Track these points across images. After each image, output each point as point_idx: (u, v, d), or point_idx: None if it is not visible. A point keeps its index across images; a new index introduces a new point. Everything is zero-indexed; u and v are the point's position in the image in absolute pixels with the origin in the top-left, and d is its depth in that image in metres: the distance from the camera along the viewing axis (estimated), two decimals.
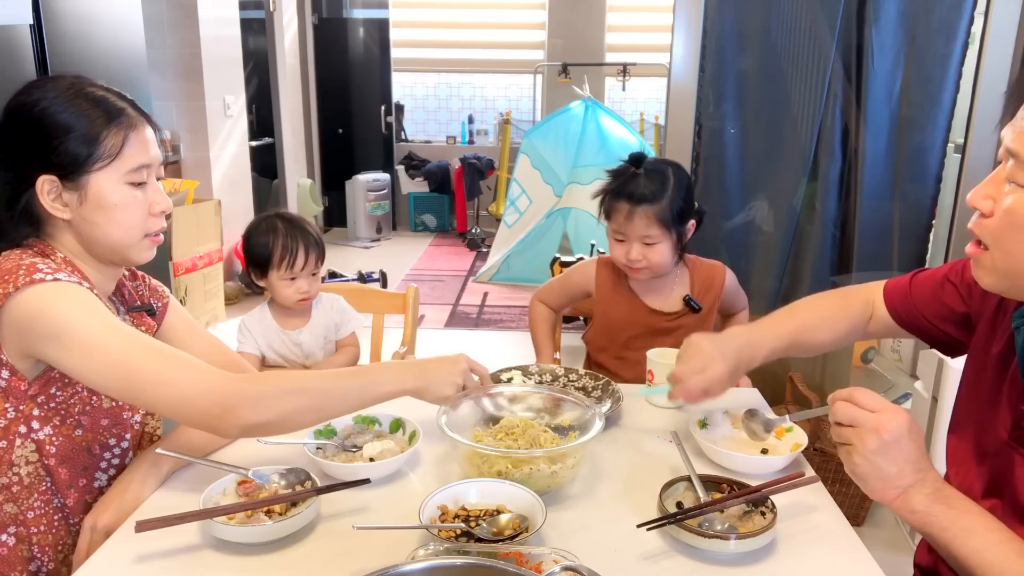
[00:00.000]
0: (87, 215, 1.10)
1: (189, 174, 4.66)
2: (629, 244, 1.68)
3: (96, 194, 1.09)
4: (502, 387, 1.32)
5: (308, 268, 1.81)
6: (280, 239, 1.79)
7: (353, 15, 7.40)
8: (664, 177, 1.66)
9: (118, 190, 1.10)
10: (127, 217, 1.12)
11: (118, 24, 2.78)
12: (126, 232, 1.13)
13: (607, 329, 1.81)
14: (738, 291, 1.89)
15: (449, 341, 4.47)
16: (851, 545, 1.01)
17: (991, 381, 1.05)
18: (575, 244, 5.28)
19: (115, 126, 1.09)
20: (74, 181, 1.08)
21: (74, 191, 1.08)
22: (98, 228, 1.11)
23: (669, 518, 0.98)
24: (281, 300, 1.83)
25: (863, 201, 2.30)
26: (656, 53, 6.47)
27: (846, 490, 2.36)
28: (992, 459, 1.02)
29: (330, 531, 1.03)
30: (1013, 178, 0.86)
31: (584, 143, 5.32)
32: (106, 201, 1.10)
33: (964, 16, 2.14)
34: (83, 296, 1.04)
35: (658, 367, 1.43)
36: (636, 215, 1.64)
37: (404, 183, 7.33)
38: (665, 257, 1.68)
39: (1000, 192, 0.89)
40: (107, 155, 1.08)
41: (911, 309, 1.22)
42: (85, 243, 1.13)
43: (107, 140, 1.08)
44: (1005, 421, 1.00)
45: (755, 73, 2.26)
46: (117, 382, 1.02)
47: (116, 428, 1.17)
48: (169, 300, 1.34)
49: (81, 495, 1.14)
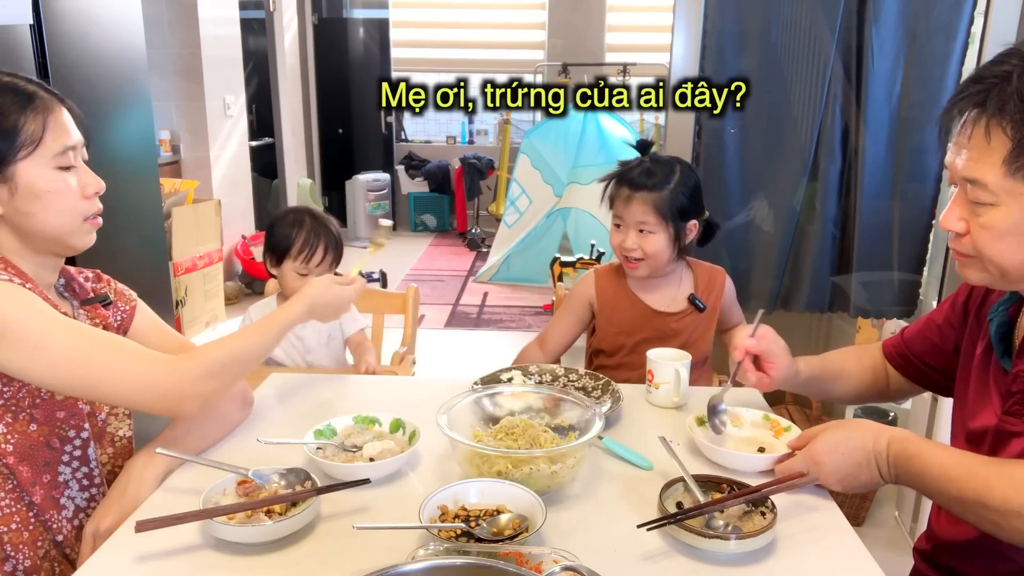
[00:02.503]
0: (21, 207, 1.07)
1: (189, 174, 4.66)
2: (626, 231, 1.69)
3: (26, 183, 1.06)
4: (502, 387, 1.32)
5: (323, 267, 1.86)
6: (304, 233, 1.85)
7: (353, 15, 7.40)
8: (669, 169, 1.67)
9: (47, 176, 1.07)
10: (62, 202, 1.09)
11: (118, 24, 2.78)
12: (63, 218, 1.10)
13: (612, 336, 1.78)
14: (735, 301, 1.88)
15: (449, 341, 4.47)
16: (851, 545, 1.00)
17: (978, 378, 1.12)
18: (575, 244, 5.28)
19: (31, 111, 1.05)
20: (1, 173, 1.05)
21: (3, 184, 1.05)
22: (34, 219, 1.08)
23: (669, 518, 0.98)
24: (289, 292, 1.85)
25: (863, 201, 2.29)
26: (656, 53, 6.47)
27: None
28: (987, 449, 1.07)
29: (330, 531, 1.03)
30: (978, 199, 0.95)
31: (584, 143, 5.32)
32: (37, 189, 1.06)
33: (964, 16, 2.14)
34: (21, 296, 1.01)
35: (658, 367, 1.43)
36: (634, 200, 1.66)
37: (404, 183, 7.33)
38: (660, 249, 1.67)
39: (968, 211, 0.97)
40: (30, 141, 1.05)
41: (904, 353, 1.33)
42: (22, 237, 1.09)
43: (26, 126, 1.05)
44: (995, 407, 1.07)
45: (755, 73, 2.26)
46: (68, 379, 1.01)
47: (74, 419, 1.14)
48: (137, 304, 1.31)
49: (47, 491, 1.11)
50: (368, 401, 1.50)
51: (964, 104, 0.95)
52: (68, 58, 2.47)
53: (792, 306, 2.44)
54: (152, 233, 3.15)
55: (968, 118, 0.95)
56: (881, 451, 1.05)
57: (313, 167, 7.15)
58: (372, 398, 1.53)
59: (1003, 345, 1.09)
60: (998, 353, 1.09)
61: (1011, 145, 0.91)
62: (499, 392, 1.28)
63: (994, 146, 0.92)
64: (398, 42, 7.36)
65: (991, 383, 1.10)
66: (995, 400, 1.08)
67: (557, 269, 4.69)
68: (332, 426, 1.25)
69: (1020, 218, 0.93)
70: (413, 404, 1.46)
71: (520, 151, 5.58)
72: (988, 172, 0.93)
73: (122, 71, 2.83)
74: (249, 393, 1.38)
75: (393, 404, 1.51)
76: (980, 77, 0.94)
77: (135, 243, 2.99)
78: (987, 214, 0.95)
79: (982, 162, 0.94)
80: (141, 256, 3.04)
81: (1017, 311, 1.10)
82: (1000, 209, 0.94)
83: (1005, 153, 0.91)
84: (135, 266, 2.98)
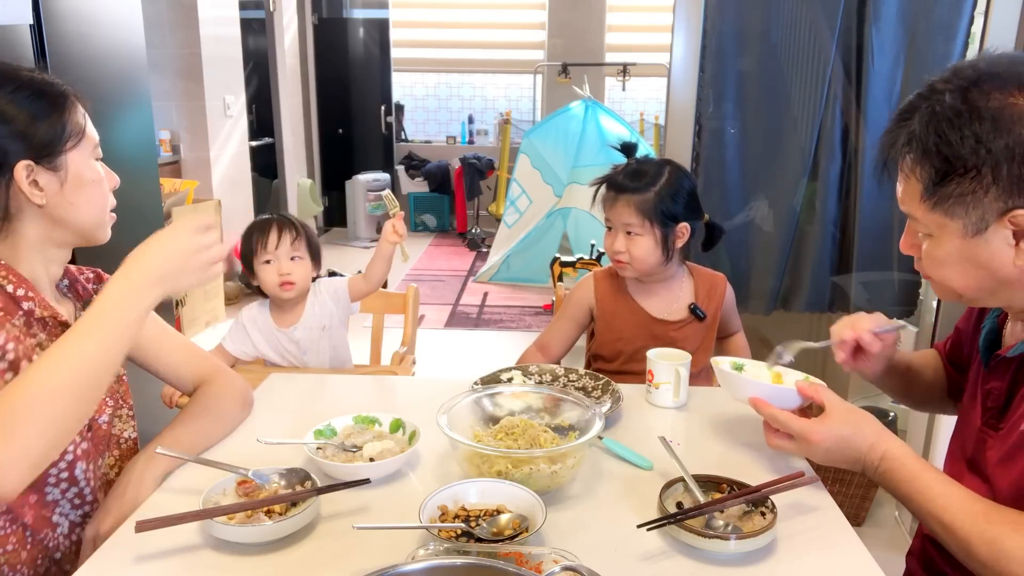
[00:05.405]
0: (68, 196, 1.08)
1: (189, 174, 4.66)
2: (615, 233, 1.69)
3: (76, 173, 1.09)
4: (502, 387, 1.32)
5: (283, 247, 1.82)
6: (256, 226, 1.86)
7: (353, 15, 7.40)
8: (657, 172, 1.66)
9: (91, 166, 1.11)
10: (101, 193, 1.13)
11: (118, 24, 2.77)
12: (99, 209, 1.13)
13: (611, 341, 1.77)
14: (734, 309, 1.87)
15: (449, 341, 4.47)
16: (851, 545, 1.00)
17: (972, 382, 1.14)
18: (575, 244, 5.28)
19: (71, 105, 1.09)
20: (52, 162, 1.06)
21: (53, 172, 1.07)
22: (77, 209, 1.10)
23: (669, 518, 0.98)
24: (268, 289, 1.85)
25: (863, 201, 2.30)
26: (656, 53, 6.47)
27: (846, 490, 2.37)
28: (972, 451, 1.09)
29: (330, 531, 1.03)
30: (918, 230, 1.00)
31: (584, 143, 5.32)
32: (84, 179, 1.10)
33: (964, 16, 2.14)
34: None
35: (658, 367, 1.43)
36: (619, 202, 1.66)
37: (404, 183, 7.33)
38: (646, 252, 1.66)
39: (916, 240, 1.02)
40: (76, 132, 1.09)
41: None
42: (52, 228, 1.10)
43: (72, 117, 1.08)
44: (978, 414, 1.08)
45: (755, 73, 2.26)
46: None
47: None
48: None
49: (37, 511, 1.08)
50: (368, 401, 1.50)
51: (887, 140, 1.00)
52: (68, 58, 2.47)
53: (792, 306, 2.44)
54: (152, 233, 3.15)
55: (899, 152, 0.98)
56: (871, 463, 1.05)
57: (313, 167, 7.15)
58: (372, 398, 1.53)
59: (988, 354, 1.09)
60: (983, 360, 1.10)
61: (922, 184, 0.95)
62: (499, 392, 1.28)
63: (912, 182, 0.97)
64: (398, 42, 7.36)
65: (978, 390, 1.10)
66: (978, 408, 1.09)
67: (557, 269, 4.69)
68: (332, 426, 1.25)
69: (952, 248, 0.95)
70: (413, 404, 1.46)
71: (520, 151, 5.58)
72: (915, 207, 0.98)
73: (122, 71, 2.82)
74: (250, 393, 1.38)
75: (393, 404, 1.52)
76: (903, 111, 0.98)
77: (135, 243, 2.98)
78: (927, 244, 0.99)
79: (909, 196, 0.98)
80: None
81: (1005, 320, 1.11)
82: (935, 240, 0.97)
83: (921, 190, 0.95)
84: None
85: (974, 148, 0.89)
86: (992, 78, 0.90)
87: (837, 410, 1.09)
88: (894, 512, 2.48)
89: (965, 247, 0.94)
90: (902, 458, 1.03)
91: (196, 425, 1.23)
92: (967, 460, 1.10)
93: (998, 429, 1.03)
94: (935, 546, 1.09)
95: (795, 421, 1.09)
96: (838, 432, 1.07)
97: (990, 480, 1.02)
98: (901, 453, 1.04)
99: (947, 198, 0.93)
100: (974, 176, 0.90)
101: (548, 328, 1.86)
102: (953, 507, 0.96)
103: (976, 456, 1.07)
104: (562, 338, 1.82)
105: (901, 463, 1.02)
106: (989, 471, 1.03)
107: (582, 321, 1.82)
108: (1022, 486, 0.95)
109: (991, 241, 0.92)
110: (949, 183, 0.92)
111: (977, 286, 0.97)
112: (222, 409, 1.29)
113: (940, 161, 0.92)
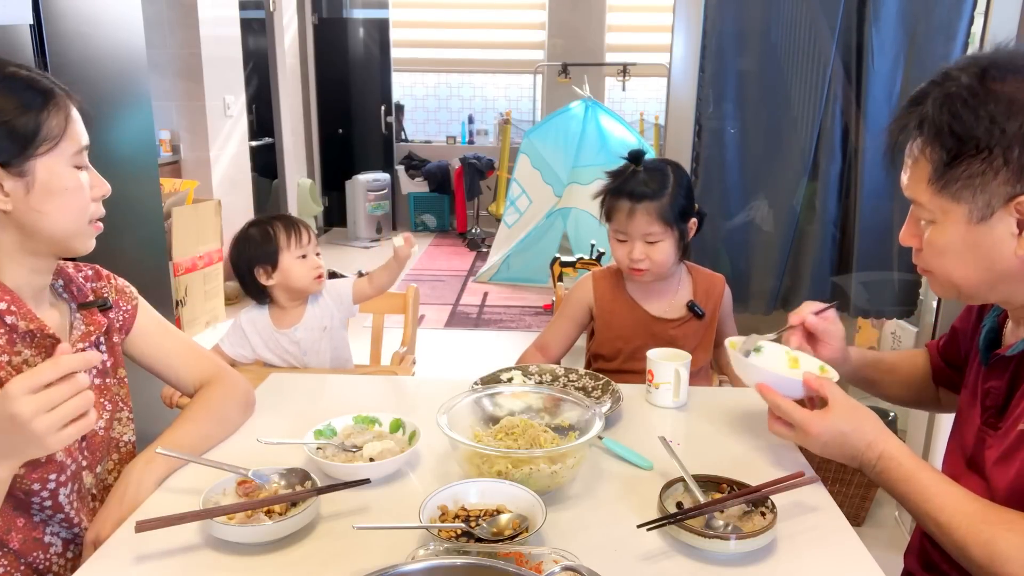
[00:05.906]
0: (35, 204, 1.02)
1: (189, 174, 4.66)
2: (631, 244, 1.66)
3: (44, 180, 1.02)
4: (502, 387, 1.32)
5: (312, 244, 1.89)
6: (277, 223, 1.89)
7: (353, 15, 7.40)
8: (664, 174, 1.66)
9: (67, 174, 1.04)
10: (74, 202, 1.06)
11: (118, 24, 2.77)
12: (72, 219, 1.06)
13: (611, 340, 1.77)
14: (731, 314, 1.87)
15: (449, 341, 4.47)
16: (851, 545, 1.00)
17: (971, 381, 1.14)
18: (575, 244, 5.28)
19: (53, 107, 1.03)
20: (18, 167, 1.00)
21: (19, 178, 1.01)
22: (45, 217, 1.03)
23: (669, 518, 0.98)
24: (299, 281, 1.86)
25: (863, 201, 2.30)
26: (656, 53, 6.47)
27: (846, 490, 2.37)
28: (971, 450, 1.09)
29: (330, 531, 1.03)
30: (922, 217, 1.01)
31: (584, 143, 5.32)
32: (54, 187, 1.03)
33: (964, 16, 2.14)
34: None
35: (658, 367, 1.43)
36: (637, 212, 1.64)
37: (404, 183, 7.33)
38: (668, 256, 1.67)
39: (918, 229, 1.03)
40: (51, 137, 1.02)
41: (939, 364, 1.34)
42: (24, 236, 1.04)
43: (48, 121, 1.02)
44: (978, 413, 1.08)
45: (755, 73, 2.26)
46: None
47: (36, 473, 1.04)
48: (138, 302, 1.28)
49: (27, 534, 1.06)
50: (368, 401, 1.50)
51: (896, 125, 1.00)
52: (68, 58, 2.47)
53: (792, 306, 2.42)
54: (152, 233, 3.14)
55: (909, 138, 0.99)
56: (869, 461, 1.06)
57: (313, 167, 7.15)
58: (372, 398, 1.53)
59: (987, 353, 1.09)
60: (983, 360, 1.10)
61: (931, 166, 0.95)
62: (499, 392, 1.28)
63: (922, 166, 0.97)
64: (398, 42, 7.36)
65: (978, 389, 1.10)
66: (977, 407, 1.09)
67: (557, 269, 4.69)
68: (332, 426, 1.25)
69: (955, 235, 0.96)
70: (413, 404, 1.46)
71: (520, 151, 5.58)
72: (921, 192, 0.98)
73: (122, 71, 2.82)
74: (252, 395, 1.38)
75: (393, 404, 1.52)
76: (915, 97, 0.98)
77: (135, 243, 2.98)
78: (929, 231, 1.00)
79: (916, 180, 0.99)
80: (141, 256, 3.04)
81: (1005, 319, 1.11)
82: (938, 226, 0.98)
83: (930, 172, 0.95)
84: (135, 266, 2.98)
85: (988, 128, 0.89)
86: (1009, 64, 0.92)
87: (840, 406, 1.09)
88: (894, 512, 2.48)
89: (968, 234, 0.95)
90: (899, 457, 1.03)
91: (197, 427, 1.23)
92: (966, 459, 1.10)
93: (997, 428, 1.03)
94: (933, 544, 1.09)
95: (797, 411, 1.09)
96: (838, 427, 1.07)
97: (989, 479, 1.02)
98: (898, 452, 1.04)
99: (955, 180, 0.93)
100: (985, 157, 0.90)
101: (547, 328, 1.86)
102: (949, 507, 0.96)
103: (975, 455, 1.07)
104: (562, 338, 1.82)
105: (898, 462, 1.03)
106: (988, 470, 1.03)
107: (581, 321, 1.82)
108: (1020, 485, 0.96)
109: (995, 228, 0.93)
110: (959, 165, 0.92)
111: (977, 278, 0.98)
112: (223, 412, 1.29)
113: (952, 141, 0.92)
